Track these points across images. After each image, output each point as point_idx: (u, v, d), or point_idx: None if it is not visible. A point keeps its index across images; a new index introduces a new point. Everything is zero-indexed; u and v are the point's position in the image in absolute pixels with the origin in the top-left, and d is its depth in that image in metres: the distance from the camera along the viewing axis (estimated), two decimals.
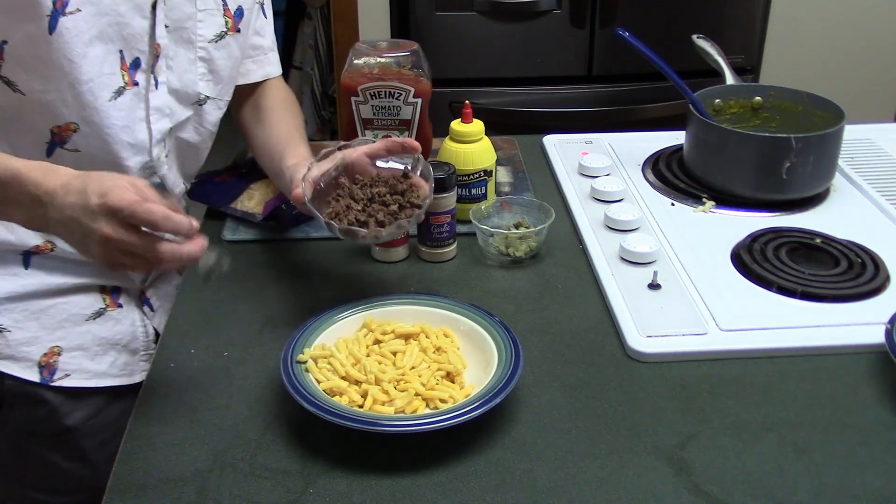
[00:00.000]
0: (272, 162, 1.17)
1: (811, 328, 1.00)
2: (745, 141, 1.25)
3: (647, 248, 1.12)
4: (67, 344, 1.08)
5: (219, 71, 1.14)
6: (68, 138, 1.01)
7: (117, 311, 1.12)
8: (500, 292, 1.09)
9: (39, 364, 1.06)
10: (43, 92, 0.97)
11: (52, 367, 1.07)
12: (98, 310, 1.11)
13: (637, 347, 0.97)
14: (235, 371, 0.95)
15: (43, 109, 0.98)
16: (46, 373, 1.06)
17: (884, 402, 0.90)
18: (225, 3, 1.12)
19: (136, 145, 1.06)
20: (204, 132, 1.17)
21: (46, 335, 1.07)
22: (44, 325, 1.07)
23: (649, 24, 2.33)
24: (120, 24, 0.99)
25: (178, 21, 1.06)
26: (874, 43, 2.56)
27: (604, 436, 0.86)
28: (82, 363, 1.09)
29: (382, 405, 0.86)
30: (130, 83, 1.03)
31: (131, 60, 1.02)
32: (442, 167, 1.15)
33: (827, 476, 0.81)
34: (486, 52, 2.34)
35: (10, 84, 0.96)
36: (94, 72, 0.98)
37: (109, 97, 1.01)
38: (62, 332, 1.08)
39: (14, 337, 1.05)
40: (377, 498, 0.79)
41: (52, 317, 1.07)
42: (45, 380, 1.06)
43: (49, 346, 1.07)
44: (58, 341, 1.07)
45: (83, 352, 1.09)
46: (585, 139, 1.51)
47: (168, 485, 0.80)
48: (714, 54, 1.44)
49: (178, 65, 1.08)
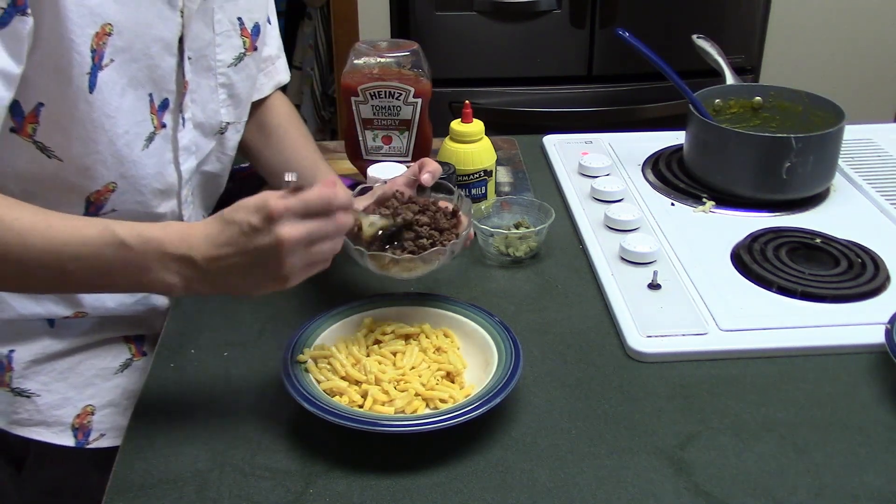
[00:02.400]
0: None
1: (811, 328, 1.00)
2: (745, 141, 1.25)
3: (647, 248, 1.12)
4: (99, 402, 1.03)
5: (238, 95, 1.10)
6: (105, 202, 0.95)
7: (143, 361, 1.08)
8: (500, 292, 1.09)
9: (73, 426, 1.02)
10: (83, 156, 0.91)
11: (86, 428, 1.02)
12: (125, 361, 1.07)
13: (637, 347, 0.97)
14: (235, 371, 0.95)
15: (82, 174, 0.92)
16: (81, 435, 1.02)
17: (884, 402, 0.90)
18: (242, 22, 1.07)
19: (166, 191, 1.02)
20: (225, 159, 1.14)
21: (77, 395, 1.02)
22: (73, 384, 1.02)
23: (649, 24, 2.33)
24: (150, 67, 0.93)
25: (198, 51, 1.01)
26: (874, 43, 2.56)
27: (604, 436, 0.86)
28: (115, 420, 1.04)
29: (382, 405, 0.86)
30: (159, 126, 0.98)
31: (160, 102, 0.97)
32: (442, 167, 1.15)
33: (827, 476, 0.81)
34: (486, 52, 2.34)
35: (44, 150, 0.89)
36: (129, 123, 0.93)
37: (142, 146, 0.95)
38: (93, 390, 1.03)
39: (44, 401, 1.00)
40: (377, 498, 0.79)
41: (80, 374, 1.03)
42: (80, 443, 1.02)
43: (81, 405, 1.02)
44: (89, 399, 1.03)
45: (115, 408, 1.04)
46: (585, 139, 1.50)
47: (168, 485, 0.80)
48: (714, 54, 1.44)
49: (200, 97, 1.04)
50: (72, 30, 0.84)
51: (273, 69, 1.22)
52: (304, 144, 1.20)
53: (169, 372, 0.96)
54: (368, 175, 1.14)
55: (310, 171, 1.14)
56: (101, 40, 0.86)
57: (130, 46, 0.90)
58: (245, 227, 0.77)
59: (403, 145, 1.24)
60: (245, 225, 0.77)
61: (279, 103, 1.24)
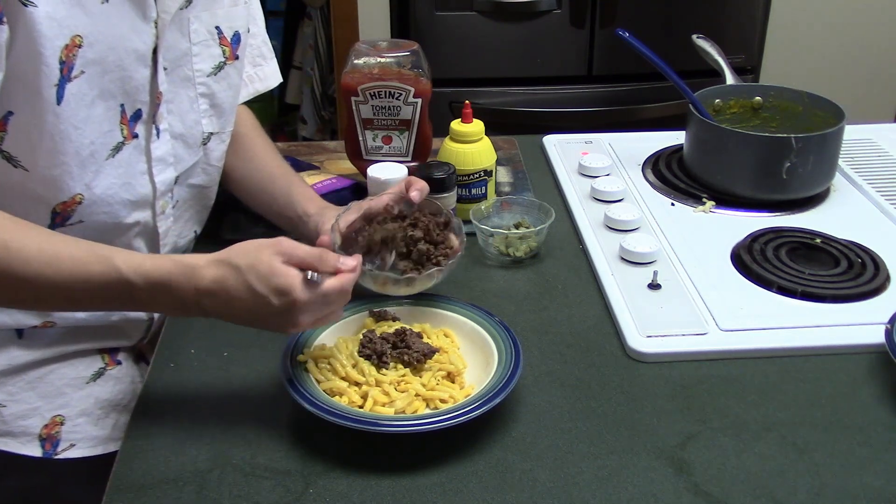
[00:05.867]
0: (272, 201, 1.14)
1: (811, 328, 1.00)
2: (745, 141, 1.25)
3: (647, 248, 1.12)
4: (70, 412, 1.01)
5: (220, 104, 1.08)
6: (72, 213, 0.94)
7: (116, 370, 1.06)
8: (500, 292, 1.09)
9: (40, 437, 1.00)
10: (50, 167, 0.90)
11: (54, 438, 1.00)
12: (98, 370, 1.04)
13: (637, 347, 0.97)
14: (235, 371, 0.95)
15: (48, 185, 0.91)
16: (49, 446, 1.00)
17: (884, 402, 0.90)
18: (220, 30, 1.05)
19: (138, 202, 1.00)
20: (212, 170, 1.12)
21: (46, 405, 1.00)
22: (42, 393, 1.00)
23: (649, 24, 2.33)
24: (123, 79, 0.92)
25: (174, 61, 0.99)
26: (874, 43, 2.56)
27: (604, 436, 0.86)
28: (87, 430, 1.02)
29: (383, 406, 0.86)
30: (130, 136, 0.96)
31: (132, 113, 0.96)
32: (442, 167, 1.15)
33: (827, 476, 0.81)
34: (486, 52, 2.34)
35: (10, 160, 0.89)
36: (96, 133, 0.92)
37: (107, 155, 0.94)
38: (63, 399, 1.01)
39: (10, 411, 0.98)
40: (377, 498, 0.79)
41: (50, 384, 1.01)
42: (48, 454, 1.00)
43: (50, 416, 1.00)
44: (59, 409, 1.01)
45: (87, 417, 1.02)
46: (585, 139, 1.50)
47: (168, 485, 0.80)
48: (714, 54, 1.44)
49: (178, 107, 1.02)
50: (41, 42, 0.83)
51: (247, 77, 1.19)
52: (272, 155, 1.20)
53: (169, 372, 0.96)
54: (368, 175, 1.14)
55: (282, 182, 1.15)
56: (72, 52, 0.86)
57: (103, 58, 0.89)
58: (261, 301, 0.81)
59: (403, 145, 1.24)
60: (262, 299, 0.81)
61: (244, 113, 1.21)
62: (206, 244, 1.20)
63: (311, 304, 0.82)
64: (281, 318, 0.83)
